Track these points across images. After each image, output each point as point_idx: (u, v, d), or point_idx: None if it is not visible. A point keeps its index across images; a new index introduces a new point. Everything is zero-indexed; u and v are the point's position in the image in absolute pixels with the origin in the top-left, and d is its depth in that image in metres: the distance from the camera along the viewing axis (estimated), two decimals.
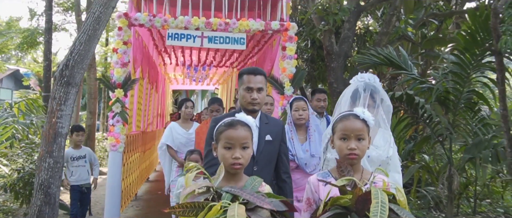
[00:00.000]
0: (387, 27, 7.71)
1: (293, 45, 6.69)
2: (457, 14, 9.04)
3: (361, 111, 2.37)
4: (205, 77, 15.23)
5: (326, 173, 2.42)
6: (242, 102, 3.12)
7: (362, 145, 2.30)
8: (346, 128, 2.32)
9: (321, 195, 2.32)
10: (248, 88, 3.07)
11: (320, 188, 2.34)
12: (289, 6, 7.04)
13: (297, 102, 4.42)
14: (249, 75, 3.11)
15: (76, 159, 6.06)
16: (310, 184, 2.40)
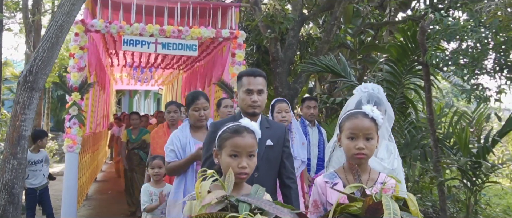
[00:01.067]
0: (328, 36, 8.31)
1: (242, 52, 7.14)
2: (391, 24, 9.83)
3: (370, 109, 2.31)
4: (151, 78, 15.41)
5: (332, 174, 2.34)
6: (242, 105, 3.02)
7: (370, 144, 2.24)
8: (355, 127, 2.26)
9: (328, 197, 2.26)
10: (248, 91, 2.96)
11: (327, 189, 2.27)
12: (238, 15, 7.50)
13: (280, 104, 4.43)
14: (249, 77, 3.01)
15: (35, 163, 6.14)
16: (317, 185, 2.33)
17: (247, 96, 2.96)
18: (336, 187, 2.16)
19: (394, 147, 2.98)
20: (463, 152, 5.96)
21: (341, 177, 2.28)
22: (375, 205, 1.80)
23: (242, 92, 2.99)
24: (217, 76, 8.07)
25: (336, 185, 2.22)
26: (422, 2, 9.57)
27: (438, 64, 5.27)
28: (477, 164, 5.81)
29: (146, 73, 13.79)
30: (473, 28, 4.94)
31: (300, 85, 8.52)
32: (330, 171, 2.91)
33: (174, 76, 14.30)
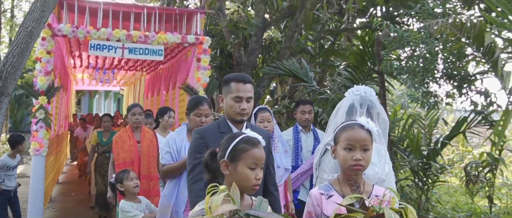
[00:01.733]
0: (290, 42, 8.64)
1: (207, 57, 7.37)
2: (349, 30, 10.26)
3: (365, 121, 2.33)
4: (113, 79, 15.38)
5: (327, 186, 2.34)
6: (229, 112, 2.87)
7: (367, 155, 2.26)
8: (352, 138, 2.27)
9: (324, 209, 2.26)
10: (237, 98, 2.82)
11: (323, 201, 2.27)
12: (203, 21, 7.73)
13: (262, 113, 4.31)
14: (238, 84, 2.86)
15: (12, 168, 6.16)
16: (312, 197, 2.33)
17: (236, 103, 2.83)
18: (331, 199, 2.22)
19: (385, 151, 2.92)
20: (415, 154, 6.39)
21: (336, 188, 2.29)
22: (377, 216, 1.80)
23: (230, 98, 2.85)
24: (182, 80, 8.26)
25: (331, 197, 2.25)
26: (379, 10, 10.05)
27: (392, 73, 5.64)
28: (428, 165, 6.25)
29: (109, 75, 13.79)
30: (424, 40, 5.35)
31: (262, 89, 8.81)
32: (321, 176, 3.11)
33: (136, 77, 14.32)
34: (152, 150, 5.19)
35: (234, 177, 2.05)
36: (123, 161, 5.06)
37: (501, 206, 7.18)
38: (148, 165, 5.11)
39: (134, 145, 5.14)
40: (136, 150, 5.11)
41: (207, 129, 2.95)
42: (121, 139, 5.20)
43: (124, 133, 5.29)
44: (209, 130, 2.91)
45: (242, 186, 2.02)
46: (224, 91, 2.92)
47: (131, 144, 5.14)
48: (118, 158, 5.07)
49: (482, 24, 4.76)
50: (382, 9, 9.66)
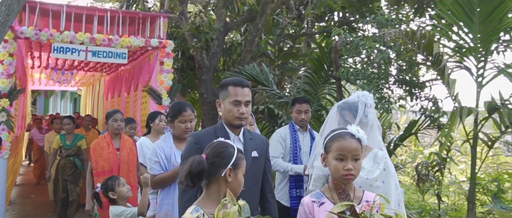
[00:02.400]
0: (251, 46, 8.86)
1: (170, 60, 7.53)
2: (308, 35, 10.61)
3: (356, 130, 2.36)
4: (71, 80, 15.21)
5: (319, 193, 2.37)
6: (227, 116, 2.86)
7: (357, 165, 2.30)
8: (344, 148, 2.30)
9: (316, 216, 2.30)
10: (236, 102, 2.82)
11: (315, 209, 2.30)
12: (166, 25, 7.87)
13: None
14: (236, 88, 2.85)
15: None
16: (304, 205, 2.36)
17: (234, 107, 2.82)
18: (323, 206, 2.27)
19: (382, 156, 2.87)
20: None
21: (327, 196, 2.33)
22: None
23: (228, 103, 2.84)
24: (144, 82, 8.37)
25: (323, 204, 2.30)
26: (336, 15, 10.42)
27: (349, 79, 5.96)
28: None
29: (67, 75, 13.66)
30: (379, 48, 5.69)
31: None
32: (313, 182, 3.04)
33: (96, 78, 14.23)
34: (132, 158, 5.10)
35: (234, 184, 2.20)
36: (101, 169, 4.96)
37: (448, 203, 7.65)
38: (127, 174, 4.99)
39: (114, 153, 5.03)
40: (115, 158, 5.01)
41: (203, 134, 2.91)
42: (100, 146, 5.06)
43: (102, 140, 5.16)
44: (205, 135, 2.85)
45: (237, 191, 2.19)
46: (222, 96, 2.90)
47: (110, 151, 5.03)
48: (97, 166, 4.94)
49: (431, 35, 5.13)
50: (339, 15, 10.03)
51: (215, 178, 2.19)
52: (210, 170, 2.18)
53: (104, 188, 3.98)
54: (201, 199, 2.23)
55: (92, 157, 5.02)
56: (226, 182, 2.18)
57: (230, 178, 2.19)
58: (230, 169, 2.19)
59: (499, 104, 4.99)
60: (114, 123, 5.07)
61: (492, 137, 5.37)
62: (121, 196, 3.96)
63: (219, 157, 2.20)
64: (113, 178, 4.04)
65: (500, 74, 5.07)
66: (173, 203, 3.53)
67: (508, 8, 4.86)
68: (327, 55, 6.63)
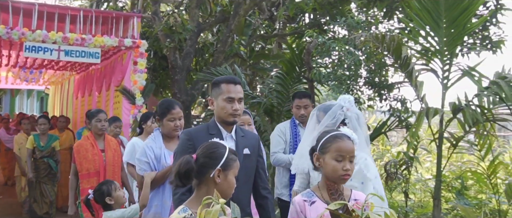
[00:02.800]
0: (224, 46, 8.96)
1: (143, 60, 7.56)
2: (280, 36, 10.79)
3: (350, 132, 2.44)
4: (39, 78, 14.97)
5: (309, 192, 2.43)
6: (221, 114, 2.90)
7: (352, 166, 2.37)
8: (343, 149, 2.35)
9: (307, 215, 2.35)
10: (230, 99, 2.86)
11: (306, 208, 2.35)
12: (139, 25, 7.89)
13: (242, 116, 3.94)
14: (229, 85, 2.90)
15: None
16: (295, 204, 2.41)
17: (228, 104, 2.86)
18: (314, 205, 2.34)
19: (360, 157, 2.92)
20: None
21: (318, 195, 2.39)
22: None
23: (221, 100, 2.88)
24: (117, 82, 8.36)
25: (314, 203, 2.37)
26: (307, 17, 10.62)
27: (321, 80, 6.13)
28: None
29: (36, 74, 13.44)
30: (349, 51, 5.88)
31: (197, 91, 9.08)
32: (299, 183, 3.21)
33: (65, 77, 14.05)
34: (117, 159, 4.97)
35: (224, 185, 2.18)
36: (87, 171, 4.80)
37: (415, 200, 7.93)
38: (113, 175, 4.82)
39: (99, 154, 4.87)
40: (101, 159, 4.85)
41: (196, 131, 2.96)
42: (84, 147, 4.86)
43: (86, 141, 4.96)
44: (198, 132, 2.92)
45: (227, 193, 2.19)
46: (214, 94, 2.94)
47: (95, 153, 4.86)
48: (82, 169, 4.77)
49: (400, 38, 5.35)
50: (310, 16, 10.24)
51: (204, 179, 2.19)
52: (199, 170, 2.17)
53: (99, 194, 3.67)
54: (190, 199, 2.22)
55: (76, 159, 4.83)
56: (215, 183, 2.17)
57: (219, 179, 2.17)
58: (219, 170, 2.17)
59: (463, 105, 5.22)
60: (98, 123, 4.89)
61: (456, 136, 5.62)
62: (118, 201, 3.73)
63: (208, 158, 2.19)
64: (108, 183, 3.77)
65: (464, 76, 5.32)
66: (161, 205, 3.51)
67: (472, 13, 5.12)
68: (299, 56, 6.78)
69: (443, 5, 5.03)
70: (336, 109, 3.12)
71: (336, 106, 3.12)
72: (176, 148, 2.97)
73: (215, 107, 2.94)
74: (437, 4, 5.05)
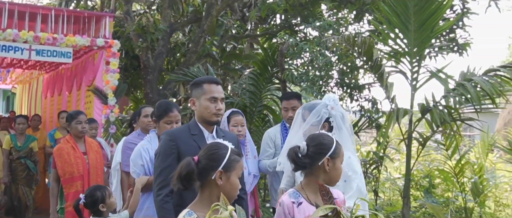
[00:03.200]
0: (196, 47, 8.98)
1: (116, 60, 7.53)
2: (252, 36, 10.87)
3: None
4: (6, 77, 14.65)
5: (295, 193, 2.43)
6: (204, 113, 2.92)
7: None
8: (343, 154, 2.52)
9: (295, 217, 2.35)
10: (213, 99, 2.89)
11: (294, 209, 2.35)
12: (112, 25, 7.85)
13: (235, 117, 4.16)
14: (211, 85, 2.93)
15: None
16: (283, 206, 2.39)
17: (212, 104, 2.89)
18: (301, 206, 2.36)
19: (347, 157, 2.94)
20: None
21: (303, 195, 2.41)
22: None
23: (205, 100, 2.90)
24: (88, 82, 8.30)
25: (301, 204, 2.38)
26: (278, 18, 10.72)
27: (293, 81, 6.23)
28: None
29: (3, 73, 13.17)
30: (322, 52, 6.00)
31: (169, 91, 9.07)
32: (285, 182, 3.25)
33: (34, 76, 13.78)
34: (99, 161, 4.85)
35: (226, 187, 2.13)
36: (70, 175, 4.57)
37: (384, 199, 8.12)
38: (96, 178, 4.70)
39: (81, 157, 4.67)
40: (84, 163, 4.65)
41: (178, 132, 2.97)
42: (65, 151, 4.61)
43: (66, 144, 4.71)
44: (180, 133, 2.93)
45: (231, 195, 2.14)
46: (196, 94, 2.95)
47: (77, 156, 4.65)
48: (64, 173, 4.53)
49: (371, 41, 5.48)
50: (281, 17, 10.35)
51: (206, 181, 2.15)
52: (201, 173, 2.14)
53: (92, 200, 3.47)
54: (194, 202, 2.19)
55: (57, 164, 4.59)
56: (217, 186, 2.13)
57: (221, 181, 2.13)
58: (221, 171, 2.13)
59: (431, 106, 5.38)
60: (79, 125, 4.69)
61: (424, 136, 5.79)
62: (109, 208, 3.59)
63: (209, 159, 2.15)
64: (102, 189, 3.59)
65: (432, 78, 5.48)
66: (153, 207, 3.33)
67: (440, 17, 5.29)
68: (272, 57, 6.86)
69: (412, 9, 5.18)
70: (321, 107, 3.16)
71: (321, 105, 3.17)
72: (158, 148, 2.96)
73: (197, 108, 2.95)
74: (406, 8, 5.20)
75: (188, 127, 2.99)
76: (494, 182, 7.27)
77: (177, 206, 2.85)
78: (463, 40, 7.28)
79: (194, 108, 2.98)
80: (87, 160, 4.71)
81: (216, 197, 2.09)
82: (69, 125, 4.83)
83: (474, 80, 5.04)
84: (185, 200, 2.76)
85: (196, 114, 3.00)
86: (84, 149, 4.78)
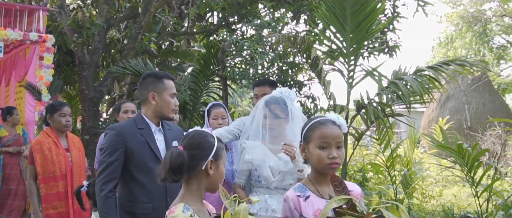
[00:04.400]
0: (134, 43, 8.87)
1: (50, 55, 7.31)
2: (189, 34, 10.87)
3: (336, 117, 2.24)
4: None
5: (302, 186, 2.22)
6: (165, 108, 2.94)
7: (341, 152, 2.18)
8: (326, 135, 2.14)
9: (303, 211, 2.14)
10: (173, 94, 2.98)
11: (301, 203, 2.14)
12: (46, 19, 7.60)
13: (216, 109, 4.10)
14: (170, 81, 2.99)
15: None
16: (289, 201, 2.18)
17: (172, 100, 2.95)
18: (309, 200, 2.15)
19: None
20: None
21: (312, 189, 2.19)
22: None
23: (168, 95, 2.93)
24: (18, 77, 7.99)
25: (308, 198, 2.17)
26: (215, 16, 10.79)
27: (234, 78, 6.34)
28: None
29: None
30: (262, 50, 6.14)
31: (105, 88, 8.90)
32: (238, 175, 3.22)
33: None
34: (82, 159, 4.42)
35: (216, 176, 2.07)
36: (51, 174, 4.12)
37: None
38: (80, 178, 4.25)
39: (64, 154, 4.21)
40: (67, 160, 4.21)
41: (124, 126, 2.95)
42: (46, 146, 4.13)
43: (46, 138, 4.20)
44: (126, 127, 2.92)
45: (217, 185, 2.03)
46: (158, 89, 2.93)
47: (59, 152, 4.19)
48: (44, 171, 4.08)
49: (311, 40, 5.69)
50: (218, 15, 10.43)
51: (195, 172, 2.04)
52: (190, 163, 2.01)
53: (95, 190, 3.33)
54: (183, 195, 2.07)
55: (35, 160, 4.12)
56: (207, 175, 2.05)
57: (212, 170, 2.05)
58: (211, 160, 2.04)
59: (366, 102, 5.66)
60: (63, 118, 4.21)
61: (359, 131, 6.07)
62: None
63: (198, 149, 2.05)
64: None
65: (367, 76, 5.77)
66: None
67: (374, 19, 5.57)
68: (214, 54, 6.94)
69: (349, 10, 5.41)
70: (281, 100, 3.19)
71: (288, 100, 3.19)
72: (104, 143, 2.90)
73: (157, 102, 2.93)
74: (344, 9, 5.43)
75: (134, 121, 2.97)
76: (421, 175, 7.74)
77: (126, 201, 2.90)
78: (393, 43, 7.69)
79: (153, 103, 2.94)
80: (70, 157, 4.24)
81: (204, 188, 2.07)
82: (50, 117, 4.27)
83: (404, 79, 5.36)
84: (135, 195, 2.88)
85: (150, 108, 2.96)
86: (66, 145, 4.30)
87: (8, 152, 6.56)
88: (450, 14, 21.48)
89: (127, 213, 2.85)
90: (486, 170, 5.90)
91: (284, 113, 3.15)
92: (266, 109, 3.19)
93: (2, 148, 6.58)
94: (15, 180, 6.55)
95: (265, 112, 3.19)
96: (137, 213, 2.84)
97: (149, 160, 2.87)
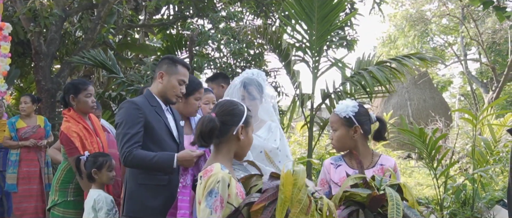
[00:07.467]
0: (92, 34, 8.73)
1: (7, 44, 7.08)
2: (146, 26, 10.82)
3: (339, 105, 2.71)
4: None
5: (338, 157, 2.73)
6: (169, 91, 2.99)
7: (335, 135, 2.66)
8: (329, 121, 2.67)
9: (332, 176, 2.64)
10: (182, 81, 3.01)
11: (331, 169, 2.65)
12: (1, 7, 7.35)
13: (207, 94, 3.97)
14: (184, 68, 3.04)
15: None
16: (324, 166, 2.71)
17: (179, 86, 2.99)
18: (339, 167, 2.64)
19: (276, 127, 3.16)
20: None
21: (346, 160, 2.67)
22: (379, 196, 2.03)
23: (175, 79, 2.98)
24: None
25: (340, 166, 2.66)
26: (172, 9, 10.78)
27: (202, 68, 6.42)
28: None
29: None
30: (228, 41, 6.27)
31: (63, 79, 8.71)
32: None
33: None
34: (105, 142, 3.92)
35: (245, 142, 2.22)
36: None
37: None
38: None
39: (97, 141, 3.73)
40: (99, 146, 3.71)
41: (141, 102, 2.94)
42: (82, 132, 3.61)
43: (75, 123, 3.61)
44: (142, 103, 2.94)
45: (246, 151, 2.26)
46: (169, 70, 2.99)
47: (93, 140, 3.69)
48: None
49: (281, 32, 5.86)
50: (174, 8, 10.44)
51: (226, 137, 2.17)
52: (221, 129, 2.14)
53: (91, 162, 3.35)
54: (215, 158, 2.19)
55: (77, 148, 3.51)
56: (238, 140, 2.18)
57: (242, 136, 2.19)
58: (242, 126, 2.18)
59: (331, 92, 5.90)
60: (88, 98, 3.71)
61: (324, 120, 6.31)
62: (102, 180, 3.37)
63: (230, 115, 2.18)
64: (107, 157, 3.40)
65: (332, 67, 6.01)
66: None
67: (339, 12, 5.82)
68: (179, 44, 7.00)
69: (316, 2, 5.62)
70: (256, 82, 3.25)
71: (262, 81, 3.27)
72: (122, 117, 2.86)
73: (163, 82, 2.99)
74: (311, 1, 5.63)
75: (146, 98, 2.99)
76: None
77: (141, 174, 2.88)
78: (351, 38, 8.03)
79: (160, 81, 3.00)
80: (101, 142, 3.78)
81: (233, 152, 2.20)
82: (74, 97, 3.67)
83: (369, 69, 5.63)
84: None
85: (156, 87, 3.03)
86: (93, 128, 3.79)
87: (25, 146, 5.94)
88: (393, 14, 22.36)
89: (142, 185, 2.88)
90: (445, 153, 6.25)
91: (259, 94, 3.22)
92: (244, 91, 3.22)
93: (19, 141, 5.97)
94: (35, 180, 5.91)
95: (243, 94, 3.22)
96: (152, 184, 2.87)
97: (165, 134, 2.96)
